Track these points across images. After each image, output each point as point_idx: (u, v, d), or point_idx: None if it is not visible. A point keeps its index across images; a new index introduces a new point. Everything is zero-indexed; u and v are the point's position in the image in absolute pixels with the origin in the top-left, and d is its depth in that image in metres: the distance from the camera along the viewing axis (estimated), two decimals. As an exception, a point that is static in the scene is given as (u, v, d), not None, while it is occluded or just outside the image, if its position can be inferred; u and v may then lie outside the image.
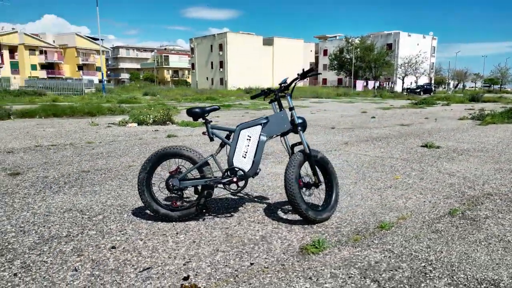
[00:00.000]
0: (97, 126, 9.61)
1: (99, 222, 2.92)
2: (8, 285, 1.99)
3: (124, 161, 5.26)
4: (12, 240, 2.56)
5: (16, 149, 6.17)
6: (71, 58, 69.51)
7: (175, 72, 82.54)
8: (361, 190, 3.93)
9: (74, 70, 68.53)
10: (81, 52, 69.07)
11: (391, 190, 3.94)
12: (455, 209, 3.32)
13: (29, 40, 64.65)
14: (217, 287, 2.00)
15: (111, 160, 5.36)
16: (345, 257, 2.39)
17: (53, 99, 22.16)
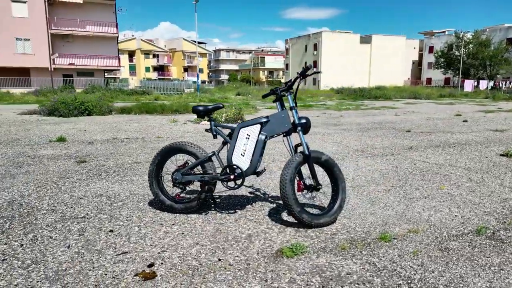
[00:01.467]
0: (175, 123, 10.45)
1: (115, 208, 3.25)
2: (11, 253, 2.37)
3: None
4: (40, 217, 3.01)
5: (97, 140, 7.09)
6: (178, 61, 76.02)
7: (270, 73, 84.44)
8: (389, 198, 3.64)
9: (180, 71, 74.87)
10: (186, 55, 75.05)
11: (424, 200, 3.57)
12: (486, 227, 2.88)
13: (145, 45, 72.54)
14: (171, 277, 2.10)
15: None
16: (317, 265, 2.28)
17: (155, 98, 24.62)
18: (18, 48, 32.61)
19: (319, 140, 7.46)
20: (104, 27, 35.73)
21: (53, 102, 12.33)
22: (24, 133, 7.91)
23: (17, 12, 32.09)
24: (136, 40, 71.49)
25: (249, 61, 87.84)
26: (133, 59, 71.41)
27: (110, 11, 36.10)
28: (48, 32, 33.22)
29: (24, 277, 2.07)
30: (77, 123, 10.13)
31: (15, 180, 4.13)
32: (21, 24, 32.09)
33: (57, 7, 33.79)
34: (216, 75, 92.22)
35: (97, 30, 35.50)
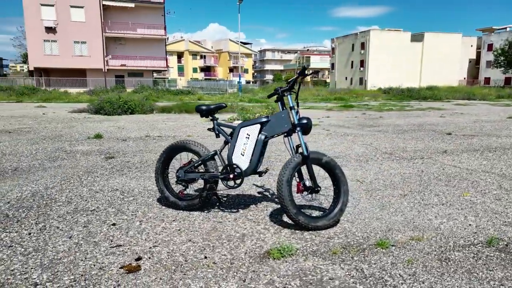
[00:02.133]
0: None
1: (125, 203, 3.39)
2: (18, 240, 2.56)
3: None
4: (54, 208, 3.22)
5: (131, 138, 7.42)
6: (224, 61, 77.38)
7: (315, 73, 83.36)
8: (403, 203, 3.48)
9: (226, 72, 76.16)
10: (232, 56, 76.15)
11: (440, 207, 3.37)
12: (500, 238, 2.67)
13: (192, 46, 74.62)
14: (154, 271, 2.17)
15: (190, 152, 5.98)
16: (302, 268, 2.24)
17: (198, 98, 25.28)
18: (76, 50, 34.91)
19: (348, 141, 7.28)
20: (153, 30, 37.26)
21: (100, 101, 13.08)
22: (68, 130, 8.47)
23: (75, 16, 34.36)
24: (184, 41, 73.73)
25: (294, 61, 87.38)
26: (181, 60, 73.72)
27: (159, 14, 37.55)
28: (103, 35, 35.23)
29: (22, 263, 2.23)
30: (118, 121, 10.66)
31: (45, 173, 4.45)
32: (79, 28, 34.31)
33: (111, 11, 35.74)
34: (261, 75, 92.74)
35: (147, 32, 37.10)
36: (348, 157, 5.63)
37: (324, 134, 8.32)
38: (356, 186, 4.07)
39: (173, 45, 71.90)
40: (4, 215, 3.02)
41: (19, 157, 5.41)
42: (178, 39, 73.96)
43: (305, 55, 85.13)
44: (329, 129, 9.20)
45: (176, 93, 30.07)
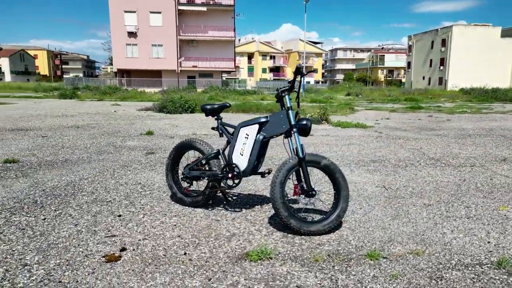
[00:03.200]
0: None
1: (140, 196, 3.59)
2: (32, 224, 2.85)
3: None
4: (77, 197, 3.52)
5: (179, 135, 7.79)
6: (293, 61, 77.23)
7: (389, 72, 79.42)
8: (421, 214, 3.20)
9: (296, 72, 75.93)
10: (301, 56, 75.66)
11: (463, 220, 3.04)
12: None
13: (263, 47, 75.66)
14: (131, 262, 2.27)
15: (226, 151, 6.11)
16: (273, 272, 2.18)
17: (261, 98, 25.59)
18: (153, 53, 37.47)
19: (396, 145, 6.85)
20: (223, 32, 38.55)
21: (163, 100, 13.90)
22: (127, 126, 9.15)
23: (154, 22, 36.88)
24: (255, 43, 75.05)
25: (367, 60, 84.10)
26: (251, 61, 75.18)
27: (229, 16, 38.72)
28: (177, 38, 37.34)
29: (25, 245, 2.48)
30: (176, 119, 11.24)
31: (88, 165, 4.87)
32: (156, 32, 36.78)
33: (185, 15, 37.74)
34: (332, 74, 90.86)
35: (217, 34, 38.50)
36: (386, 162, 5.31)
37: (374, 136, 7.92)
38: (379, 192, 3.83)
39: (244, 47, 73.62)
40: (33, 201, 3.38)
41: (73, 150, 5.98)
42: (249, 41, 75.50)
43: (379, 53, 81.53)
44: (382, 132, 8.74)
45: (242, 93, 30.76)
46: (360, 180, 4.29)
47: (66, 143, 6.63)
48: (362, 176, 4.48)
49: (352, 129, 9.29)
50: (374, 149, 6.34)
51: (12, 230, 2.71)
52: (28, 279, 2.05)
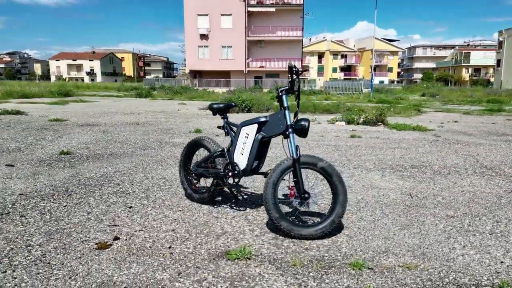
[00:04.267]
0: (312, 122, 10.59)
1: (159, 190, 3.77)
2: (54, 210, 3.16)
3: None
4: (103, 188, 3.81)
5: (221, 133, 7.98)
6: (366, 60, 74.41)
7: (475, 71, 72.65)
8: (437, 226, 2.92)
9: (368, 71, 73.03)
10: (375, 54, 72.53)
11: (483, 236, 2.72)
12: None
13: (334, 46, 74.05)
14: (116, 251, 2.41)
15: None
16: (244, 273, 2.16)
17: (325, 98, 25.15)
18: (223, 54, 38.77)
19: (449, 150, 6.30)
20: (291, 32, 38.51)
21: (222, 100, 14.34)
22: (181, 124, 9.62)
23: (224, 24, 38.14)
24: (326, 42, 73.73)
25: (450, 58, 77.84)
26: (321, 60, 73.99)
27: (298, 16, 38.54)
28: (246, 39, 38.17)
29: (37, 228, 2.76)
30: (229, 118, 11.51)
31: (128, 159, 5.23)
32: (226, 33, 37.99)
33: (254, 16, 38.41)
34: (409, 74, 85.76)
35: (285, 34, 38.58)
36: (427, 168, 4.91)
37: (428, 140, 7.36)
38: (401, 200, 3.57)
39: (314, 46, 72.72)
40: (65, 190, 3.74)
41: (123, 144, 6.46)
42: (320, 40, 74.39)
43: (463, 50, 75.03)
44: (440, 136, 8.08)
45: (307, 93, 30.48)
46: (386, 186, 4.03)
47: (119, 138, 7.18)
48: (391, 182, 4.20)
49: (407, 132, 8.73)
50: (420, 154, 5.90)
51: (33, 214, 3.03)
52: (24, 258, 2.29)
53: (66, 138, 7.08)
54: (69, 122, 9.56)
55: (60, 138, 7.02)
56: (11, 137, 7.00)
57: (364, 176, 4.48)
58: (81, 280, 2.05)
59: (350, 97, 26.97)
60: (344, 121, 10.28)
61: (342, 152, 6.00)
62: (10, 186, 3.83)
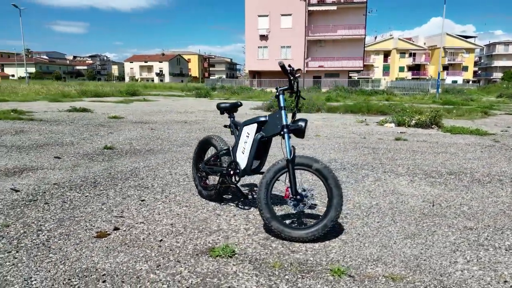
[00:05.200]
0: (360, 123, 10.22)
1: (176, 185, 3.91)
2: (76, 199, 3.42)
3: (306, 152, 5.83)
4: (128, 182, 4.04)
5: (264, 134, 8.02)
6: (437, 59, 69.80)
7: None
8: (447, 237, 2.69)
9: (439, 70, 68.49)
10: (448, 52, 67.76)
11: (496, 251, 2.45)
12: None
13: (402, 44, 70.51)
14: (111, 241, 2.55)
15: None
16: (219, 270, 2.18)
17: (386, 98, 24.09)
18: (282, 54, 38.82)
19: (504, 157, 5.73)
20: (353, 30, 37.41)
21: (271, 100, 14.40)
22: (226, 124, 9.83)
23: (284, 24, 38.17)
24: (393, 40, 70.47)
25: (536, 55, 70.09)
26: (387, 59, 70.88)
27: (361, 13, 37.31)
28: (305, 39, 37.83)
29: (54, 214, 3.03)
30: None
31: (162, 156, 5.50)
32: (286, 34, 37.98)
33: (315, 16, 37.94)
34: (487, 73, 78.78)
35: (346, 33, 37.57)
36: (466, 176, 4.52)
37: (483, 146, 6.75)
38: (419, 208, 3.34)
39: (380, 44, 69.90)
40: (93, 181, 4.03)
41: (163, 141, 6.79)
42: (386, 38, 71.26)
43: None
44: (500, 141, 7.36)
45: (369, 93, 29.40)
46: (409, 192, 3.79)
47: (163, 135, 7.55)
48: (416, 188, 3.93)
49: (463, 135, 8.07)
50: (466, 160, 5.43)
51: (56, 202, 3.32)
52: (31, 241, 2.52)
53: (116, 134, 7.61)
54: (125, 120, 10.25)
55: (111, 134, 7.56)
56: (69, 132, 7.69)
57: (390, 181, 4.24)
58: (69, 264, 2.21)
59: (414, 97, 25.54)
60: (394, 123, 9.77)
61: (377, 156, 5.73)
62: (50, 176, 4.23)
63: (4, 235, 2.60)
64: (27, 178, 4.12)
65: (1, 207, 3.14)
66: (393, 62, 70.58)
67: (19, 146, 5.97)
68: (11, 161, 4.94)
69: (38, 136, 7.08)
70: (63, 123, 9.07)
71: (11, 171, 4.39)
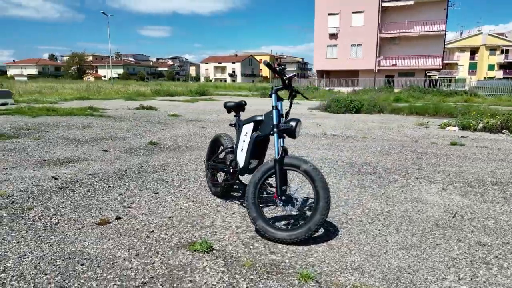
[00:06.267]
0: (419, 126, 9.54)
1: (194, 180, 4.04)
2: (99, 188, 3.72)
3: (338, 155, 5.65)
4: (152, 175, 4.27)
5: (310, 134, 7.90)
6: (535, 55, 62.09)
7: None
8: (450, 252, 2.44)
9: (536, 68, 60.81)
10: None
11: (499, 272, 2.16)
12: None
13: (492, 40, 64.01)
14: (108, 228, 2.74)
15: (306, 150, 5.89)
16: (190, 264, 2.23)
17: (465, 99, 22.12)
18: (352, 53, 37.63)
19: None
20: (431, 26, 34.88)
21: (329, 100, 14.07)
22: (276, 123, 9.84)
23: (355, 21, 36.94)
24: (481, 35, 64.25)
25: None
26: (475, 56, 64.85)
27: (441, 8, 34.62)
28: (378, 36, 36.20)
29: (74, 201, 3.32)
30: (329, 118, 11.26)
31: (196, 152, 5.71)
32: (357, 31, 36.73)
33: (389, 12, 36.11)
34: None
35: (424, 29, 35.16)
36: (505, 185, 4.02)
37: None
38: (435, 218, 3.06)
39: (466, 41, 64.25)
40: (123, 173, 4.34)
41: (205, 139, 7.04)
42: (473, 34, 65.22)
43: None
44: None
45: (447, 93, 27.23)
46: (433, 201, 3.48)
47: (209, 133, 7.82)
48: (444, 198, 3.60)
49: None
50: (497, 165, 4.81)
51: (82, 190, 3.65)
52: (42, 223, 2.82)
53: (167, 131, 8.06)
54: (182, 118, 10.79)
55: (163, 131, 8.03)
56: (127, 128, 8.33)
57: (418, 188, 3.93)
58: (62, 247, 2.44)
59: (499, 99, 23.04)
60: (458, 126, 8.95)
61: (420, 161, 5.32)
62: (90, 167, 4.64)
63: (24, 216, 2.94)
64: (71, 168, 4.57)
65: (35, 192, 3.54)
66: (481, 60, 64.35)
67: (79, 139, 6.62)
68: (66, 152, 5.51)
69: (99, 131, 7.78)
70: (125, 120, 9.84)
71: (60, 161, 4.91)
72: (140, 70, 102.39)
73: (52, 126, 8.14)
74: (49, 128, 7.91)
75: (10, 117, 9.51)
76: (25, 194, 3.47)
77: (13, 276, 2.06)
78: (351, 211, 3.20)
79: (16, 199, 3.32)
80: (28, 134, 7.01)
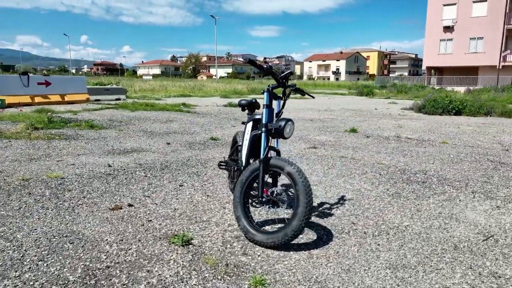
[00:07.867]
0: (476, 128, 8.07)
1: (222, 177, 4.13)
2: (130, 176, 4.05)
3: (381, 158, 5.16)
4: (189, 168, 4.48)
5: (379, 135, 7.33)
6: None
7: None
8: (453, 275, 2.05)
9: None
10: None
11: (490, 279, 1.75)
12: None
13: None
14: (117, 214, 2.98)
15: (364, 153, 5.39)
16: (158, 256, 2.30)
17: None
18: (470, 47, 33.45)
19: None
20: None
21: (424, 100, 12.78)
22: (353, 123, 9.37)
23: (476, 12, 32.73)
24: None
25: None
26: None
27: None
28: (504, 28, 31.50)
29: (106, 187, 3.68)
30: (419, 120, 10.25)
31: (222, 149, 5.78)
32: (477, 23, 32.52)
33: (519, -1, 31.07)
34: None
35: None
36: None
37: None
38: (461, 239, 2.60)
39: None
40: (166, 165, 4.64)
41: (268, 137, 7.07)
42: None
43: None
44: None
45: None
46: (472, 220, 2.95)
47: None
48: (491, 217, 3.02)
49: None
50: None
51: (120, 178, 4.01)
52: (69, 204, 3.19)
53: (237, 127, 8.32)
54: (261, 115, 11.00)
55: (233, 127, 8.32)
56: (203, 123, 8.84)
57: (466, 203, 3.36)
58: (66, 225, 2.74)
59: None
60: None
61: (494, 172, 4.54)
62: (145, 157, 5.07)
63: (60, 196, 3.37)
64: (129, 157, 5.06)
65: (84, 177, 4.02)
66: None
67: (154, 132, 7.27)
68: (135, 143, 6.11)
69: (177, 125, 8.42)
70: (207, 116, 10.44)
71: (125, 151, 5.47)
72: (248, 69, 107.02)
73: (141, 120, 9.08)
74: (137, 121, 8.83)
75: (114, 111, 10.88)
76: (75, 177, 3.97)
77: (13, 246, 2.39)
78: (362, 221, 2.90)
79: (65, 181, 3.82)
80: (117, 126, 7.95)
